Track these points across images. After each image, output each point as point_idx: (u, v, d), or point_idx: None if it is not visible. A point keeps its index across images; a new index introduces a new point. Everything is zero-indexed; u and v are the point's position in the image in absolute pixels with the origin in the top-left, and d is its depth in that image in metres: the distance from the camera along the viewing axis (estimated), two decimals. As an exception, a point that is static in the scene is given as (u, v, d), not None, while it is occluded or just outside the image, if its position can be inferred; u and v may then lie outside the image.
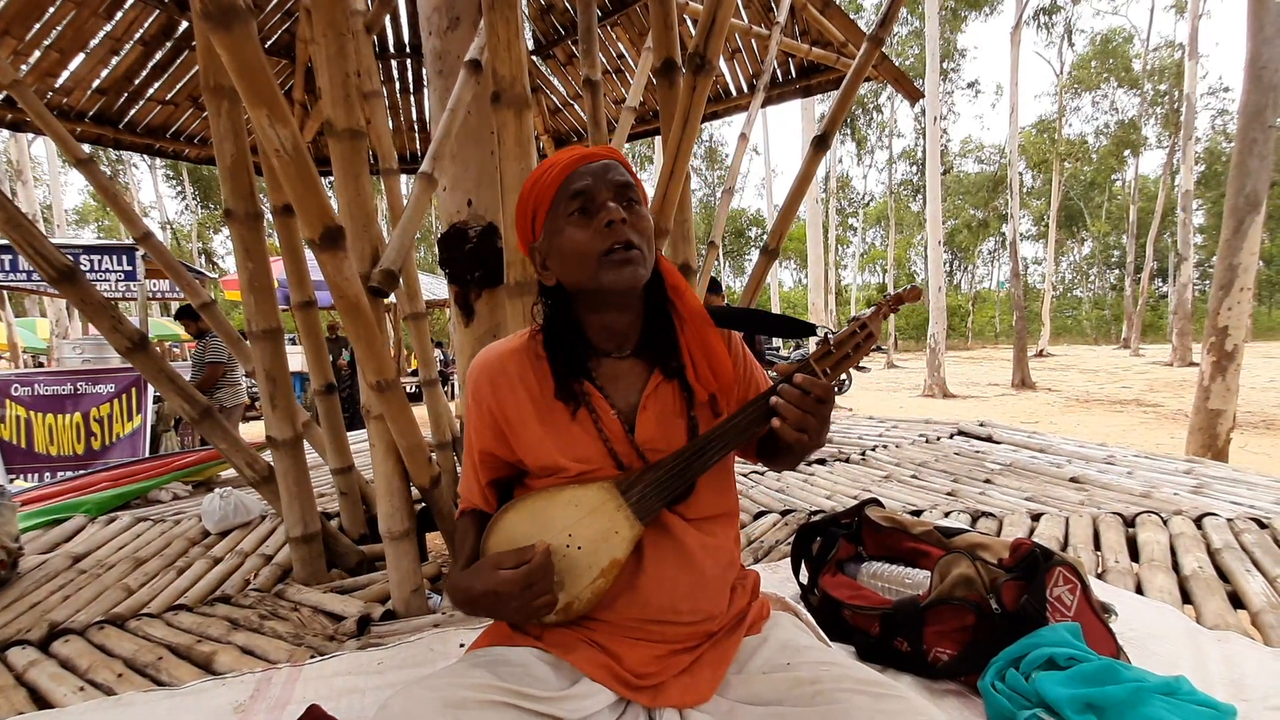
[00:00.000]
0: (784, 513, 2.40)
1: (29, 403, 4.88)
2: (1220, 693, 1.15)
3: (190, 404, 1.94)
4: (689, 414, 0.98)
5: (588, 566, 0.92)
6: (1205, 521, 2.01)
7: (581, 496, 0.92)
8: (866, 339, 0.94)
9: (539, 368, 0.97)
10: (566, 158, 0.93)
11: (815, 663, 0.92)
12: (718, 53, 1.39)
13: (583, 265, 0.90)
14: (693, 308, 0.98)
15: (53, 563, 2.26)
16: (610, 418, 0.95)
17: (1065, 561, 1.27)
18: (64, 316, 11.17)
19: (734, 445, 0.93)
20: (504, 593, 0.85)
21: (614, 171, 0.92)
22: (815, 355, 0.95)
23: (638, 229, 0.91)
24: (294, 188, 1.21)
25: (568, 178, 0.91)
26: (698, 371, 0.97)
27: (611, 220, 0.88)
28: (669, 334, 0.98)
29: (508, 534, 0.94)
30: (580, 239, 0.90)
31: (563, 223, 0.91)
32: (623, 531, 0.91)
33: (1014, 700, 1.09)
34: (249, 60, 1.03)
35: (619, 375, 0.98)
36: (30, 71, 3.19)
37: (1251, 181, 4.94)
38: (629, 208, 0.91)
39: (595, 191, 0.90)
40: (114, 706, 1.30)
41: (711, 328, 0.98)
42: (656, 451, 0.95)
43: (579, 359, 0.97)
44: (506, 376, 0.97)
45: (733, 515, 1.05)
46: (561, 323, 0.98)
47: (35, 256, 1.66)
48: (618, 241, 0.89)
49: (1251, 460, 6.55)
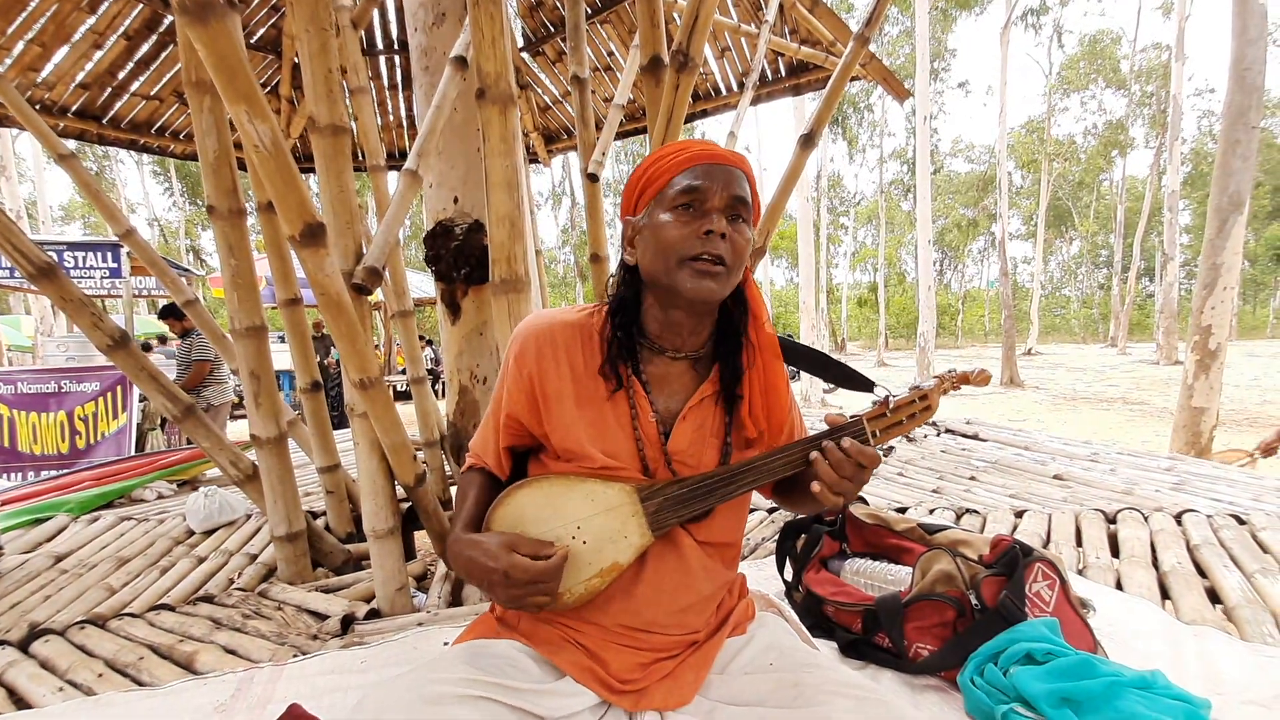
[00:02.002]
0: (771, 510, 2.41)
1: (12, 401, 4.82)
2: (1196, 686, 1.16)
3: (173, 402, 1.92)
4: (726, 438, 0.95)
5: (588, 563, 0.90)
6: (1185, 518, 2.03)
7: (600, 492, 0.90)
8: (924, 410, 0.93)
9: (589, 348, 0.95)
10: (698, 149, 0.90)
11: (798, 664, 0.93)
12: (701, 50, 1.39)
13: (666, 260, 0.88)
14: (767, 338, 0.96)
15: (34, 562, 2.23)
16: (648, 418, 0.93)
17: (1044, 557, 1.28)
18: (49, 314, 11.05)
19: (764, 482, 0.92)
20: (513, 577, 0.83)
21: (736, 182, 0.89)
22: (869, 415, 0.92)
23: (734, 246, 0.88)
24: (274, 184, 1.20)
25: (691, 169, 0.89)
26: (752, 407, 0.95)
27: (711, 230, 0.86)
28: (735, 355, 0.96)
29: (517, 512, 0.91)
30: (675, 234, 0.87)
31: (666, 209, 0.89)
32: (632, 538, 0.90)
33: (992, 695, 1.10)
34: (226, 55, 1.02)
35: (668, 377, 0.96)
36: (12, 66, 3.14)
37: (1235, 182, 4.99)
38: (734, 223, 0.89)
39: (709, 194, 0.87)
40: (94, 707, 1.28)
41: (779, 363, 0.97)
42: (685, 465, 0.94)
43: (632, 345, 0.94)
44: (553, 346, 0.94)
45: (737, 546, 1.04)
46: (629, 304, 0.96)
47: (14, 252, 1.64)
48: (708, 253, 0.86)
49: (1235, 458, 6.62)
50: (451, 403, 2.17)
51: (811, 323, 12.37)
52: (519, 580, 0.83)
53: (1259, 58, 4.93)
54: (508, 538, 0.87)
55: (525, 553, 0.85)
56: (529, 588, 0.83)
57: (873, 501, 2.25)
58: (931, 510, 2.25)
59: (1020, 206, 33.64)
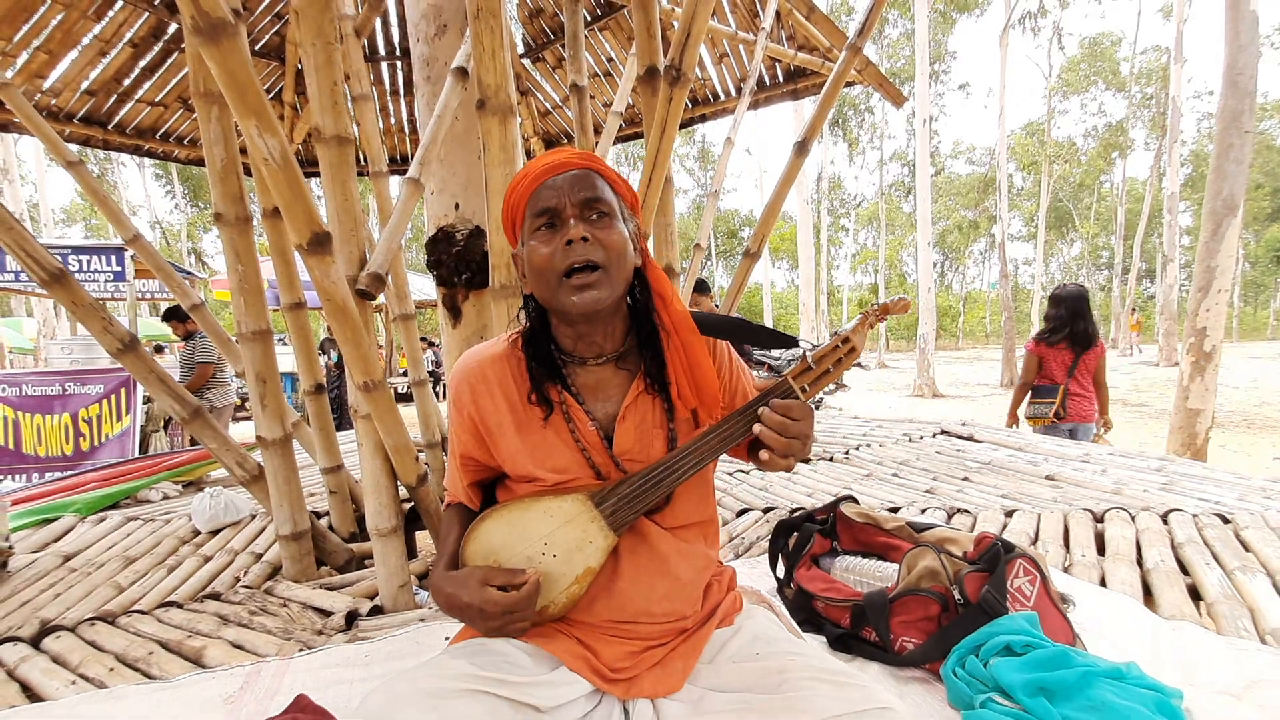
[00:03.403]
0: (766, 510, 2.45)
1: (17, 403, 4.87)
2: (1171, 678, 1.20)
3: (180, 404, 1.97)
4: (669, 426, 0.98)
5: (562, 575, 0.94)
6: (1171, 517, 2.07)
7: (556, 507, 0.94)
8: (849, 353, 0.93)
9: (519, 374, 0.98)
10: (536, 168, 0.92)
11: (783, 653, 0.96)
12: (693, 65, 1.44)
13: (546, 283, 0.90)
14: (678, 317, 0.96)
15: (43, 561, 2.28)
16: (588, 429, 0.96)
17: (1026, 554, 1.32)
18: (51, 317, 11.11)
19: (710, 459, 0.94)
20: (488, 611, 0.87)
21: (582, 184, 0.90)
22: (794, 372, 0.92)
23: (604, 245, 0.89)
24: (282, 195, 1.24)
25: (535, 191, 0.91)
26: (680, 388, 0.96)
27: (571, 239, 0.87)
28: (654, 343, 0.98)
29: (486, 542, 0.95)
30: (543, 256, 0.89)
31: (530, 236, 0.91)
32: (596, 541, 0.94)
33: (972, 685, 1.14)
34: (237, 73, 1.07)
35: (599, 384, 0.98)
36: (19, 73, 3.20)
37: (1229, 185, 5.03)
38: (596, 222, 0.90)
39: (560, 207, 0.89)
40: (106, 699, 1.33)
41: (697, 337, 0.97)
42: (635, 462, 0.96)
43: (554, 365, 0.97)
44: (486, 383, 0.98)
45: (710, 523, 1.07)
46: (539, 329, 0.99)
47: (26, 258, 1.69)
48: (576, 262, 0.88)
49: (1231, 459, 6.66)
50: (452, 405, 2.21)
51: (811, 324, 12.41)
52: (494, 614, 0.87)
53: (1251, 63, 4.97)
54: (482, 572, 0.91)
55: (498, 584, 0.89)
56: (505, 618, 0.88)
57: (867, 502, 2.29)
58: (924, 510, 2.29)
59: (1021, 208, 33.67)
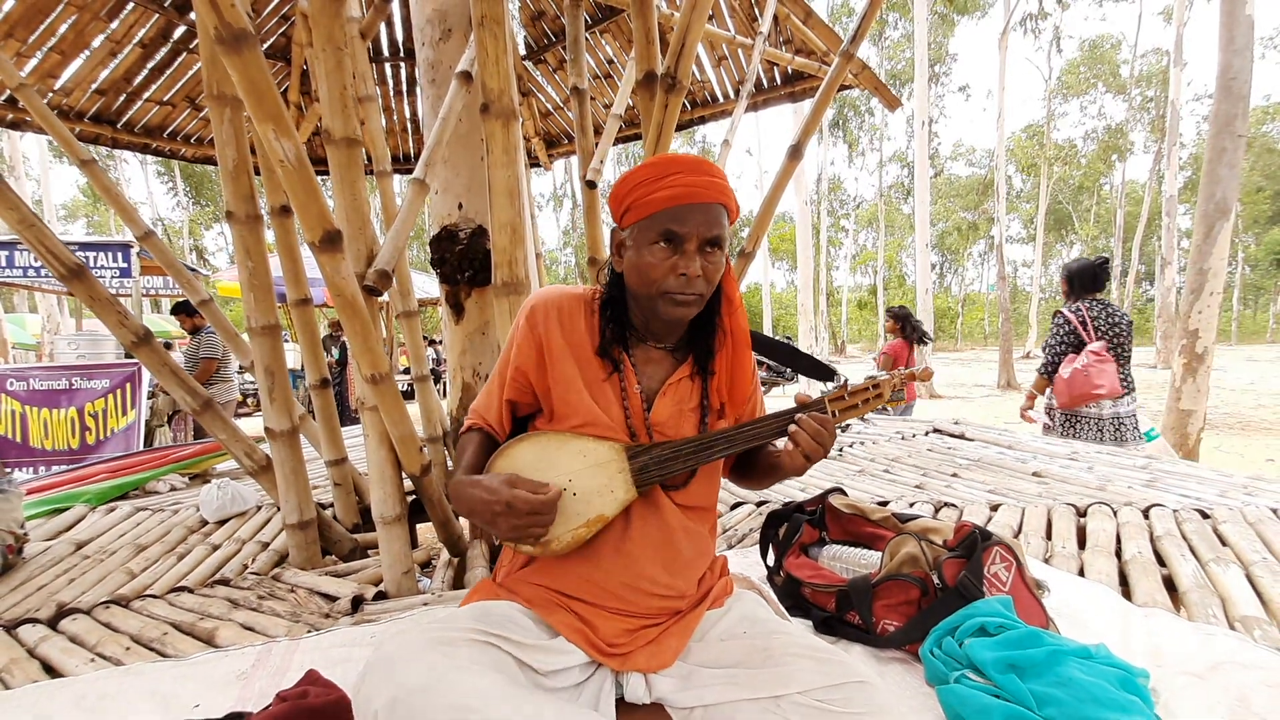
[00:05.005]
0: (759, 504, 2.51)
1: (24, 397, 4.94)
2: (1140, 659, 1.26)
3: (192, 395, 2.03)
4: (702, 410, 1.10)
5: (576, 514, 1.01)
6: (1152, 512, 2.13)
7: (591, 449, 1.02)
8: (875, 397, 1.10)
9: (590, 321, 1.10)
10: (682, 185, 0.98)
11: (768, 632, 1.03)
12: (688, 73, 1.50)
13: (647, 286, 1.01)
14: (739, 328, 1.11)
15: (56, 549, 2.34)
16: (634, 391, 1.07)
17: (1002, 542, 1.38)
18: (55, 312, 11.17)
19: (737, 449, 1.05)
20: (514, 507, 0.93)
21: (713, 221, 0.98)
22: (831, 397, 1.08)
23: (708, 277, 1.00)
24: (296, 195, 1.31)
25: (670, 209, 0.98)
26: (720, 383, 1.11)
27: (687, 275, 0.98)
28: (708, 340, 1.10)
29: (515, 462, 1.03)
30: (655, 267, 0.99)
31: (648, 239, 1.00)
32: (618, 492, 1.01)
33: (948, 664, 1.20)
34: (256, 80, 1.13)
35: (650, 360, 1.11)
36: (31, 73, 3.26)
37: (1222, 189, 5.10)
38: (710, 255, 1.00)
39: (687, 237, 0.98)
40: (124, 675, 1.39)
41: (747, 349, 1.12)
42: (664, 434, 1.07)
43: (623, 336, 1.09)
44: (561, 313, 1.09)
45: (712, 511, 1.18)
46: (618, 301, 1.10)
47: (47, 254, 1.75)
48: (686, 292, 0.99)
49: (1224, 460, 6.72)
50: (454, 400, 2.28)
51: (809, 325, 12.44)
52: (521, 510, 0.93)
53: (1245, 67, 5.04)
54: (508, 476, 0.98)
55: (524, 489, 0.96)
56: (529, 518, 0.94)
57: (858, 496, 2.35)
58: (912, 504, 2.35)
59: (1020, 210, 33.74)
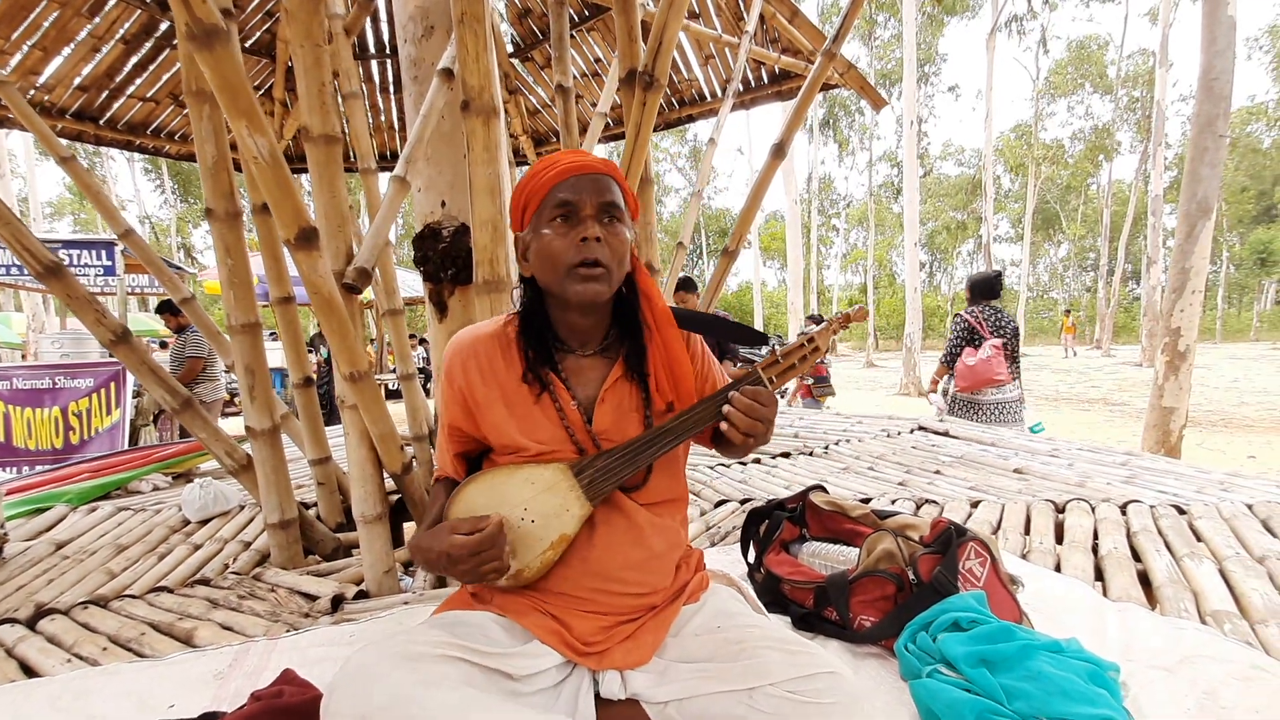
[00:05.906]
0: (743, 501, 2.52)
1: (7, 397, 4.88)
2: (1111, 653, 1.28)
3: (172, 395, 2.02)
4: (645, 412, 1.08)
5: (539, 539, 1.01)
6: (1129, 508, 2.16)
7: (537, 475, 1.02)
8: (813, 352, 1.06)
9: (509, 354, 1.07)
10: (565, 163, 1.00)
11: (742, 626, 1.04)
12: (666, 71, 1.51)
13: (554, 270, 0.99)
14: (660, 314, 1.07)
15: (36, 549, 2.32)
16: (571, 407, 1.05)
17: (977, 537, 1.40)
18: (40, 311, 11.05)
19: (682, 439, 1.04)
20: (455, 555, 0.94)
21: (605, 188, 0.99)
22: (764, 364, 1.05)
23: (611, 247, 0.98)
24: (271, 192, 1.30)
25: (559, 184, 0.98)
26: (658, 380, 1.07)
27: (586, 238, 0.97)
28: (635, 336, 1.08)
29: (467, 504, 1.03)
30: (556, 246, 0.98)
31: (546, 224, 0.99)
32: (573, 510, 1.01)
33: (922, 659, 1.22)
34: (229, 77, 1.13)
35: (582, 369, 1.08)
36: (13, 69, 3.22)
37: (1203, 188, 5.15)
38: (609, 225, 0.99)
39: (580, 205, 0.98)
40: (100, 675, 1.38)
41: (676, 332, 1.08)
42: (612, 441, 1.05)
43: (547, 351, 1.06)
44: (478, 360, 1.07)
45: (681, 501, 1.16)
46: (535, 314, 1.07)
47: (23, 252, 1.74)
48: (587, 258, 0.97)
49: (1206, 457, 6.80)
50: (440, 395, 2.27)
51: (800, 324, 12.50)
52: (460, 556, 0.94)
53: (1226, 68, 5.09)
54: (449, 523, 0.98)
55: (464, 531, 0.96)
56: (474, 559, 0.94)
57: (842, 494, 2.37)
58: (893, 501, 2.37)
59: (1009, 210, 34.00)
